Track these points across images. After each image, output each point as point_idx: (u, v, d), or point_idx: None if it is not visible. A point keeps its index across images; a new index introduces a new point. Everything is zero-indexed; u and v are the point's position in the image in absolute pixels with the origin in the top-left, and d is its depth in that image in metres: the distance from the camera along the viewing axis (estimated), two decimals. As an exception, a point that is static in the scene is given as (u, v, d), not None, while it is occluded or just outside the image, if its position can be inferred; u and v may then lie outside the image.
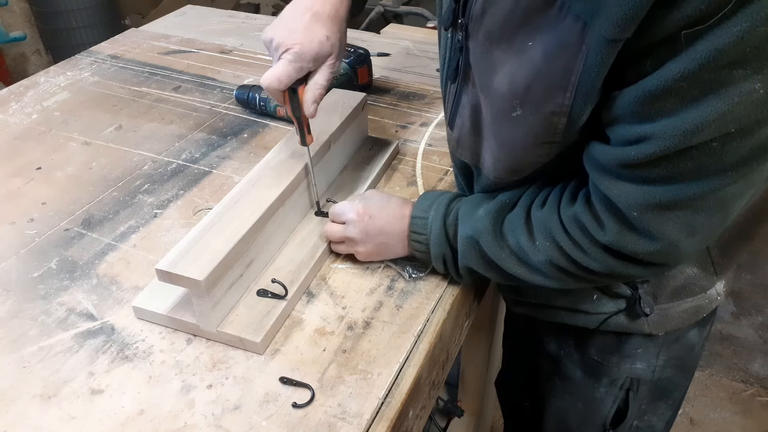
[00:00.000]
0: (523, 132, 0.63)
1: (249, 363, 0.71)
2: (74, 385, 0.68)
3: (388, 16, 3.19)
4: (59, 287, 0.81)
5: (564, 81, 0.56)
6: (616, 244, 0.61)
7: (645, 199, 0.57)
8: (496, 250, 0.70)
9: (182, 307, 0.74)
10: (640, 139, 0.54)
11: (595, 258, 0.64)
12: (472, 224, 0.72)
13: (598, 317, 0.80)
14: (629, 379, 0.88)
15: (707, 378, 1.99)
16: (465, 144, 0.75)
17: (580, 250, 0.65)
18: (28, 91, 1.26)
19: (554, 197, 0.69)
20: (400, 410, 0.66)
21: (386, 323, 0.75)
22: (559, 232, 0.66)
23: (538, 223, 0.68)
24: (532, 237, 0.68)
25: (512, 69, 0.60)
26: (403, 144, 1.08)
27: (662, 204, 0.57)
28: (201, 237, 0.73)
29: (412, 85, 1.28)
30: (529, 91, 0.59)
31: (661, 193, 0.56)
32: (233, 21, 1.62)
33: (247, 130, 1.13)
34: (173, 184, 0.99)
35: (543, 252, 0.67)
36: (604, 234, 0.62)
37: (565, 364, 0.92)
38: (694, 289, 0.79)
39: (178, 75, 1.33)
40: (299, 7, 0.79)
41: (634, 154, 0.55)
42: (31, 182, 1.00)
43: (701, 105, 0.49)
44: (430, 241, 0.76)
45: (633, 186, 0.57)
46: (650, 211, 0.58)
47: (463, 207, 0.75)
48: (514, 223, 0.70)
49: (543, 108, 0.59)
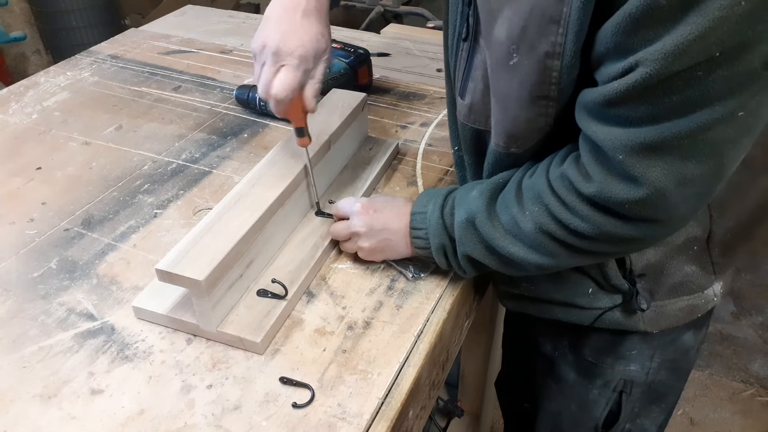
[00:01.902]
0: (519, 82, 0.62)
1: (249, 363, 0.71)
2: (74, 385, 0.68)
3: (388, 16, 3.19)
4: (59, 287, 0.81)
5: (556, 12, 0.56)
6: (601, 194, 0.60)
7: (630, 140, 0.55)
8: (490, 229, 0.70)
9: (182, 307, 0.74)
10: (623, 72, 0.53)
11: (581, 215, 0.62)
12: (466, 207, 0.72)
13: (593, 313, 0.80)
14: (622, 380, 0.88)
15: (707, 378, 1.99)
16: (478, 108, 0.73)
17: (567, 209, 0.63)
18: (28, 91, 1.26)
19: (544, 163, 0.68)
20: (400, 410, 0.66)
21: (386, 323, 0.75)
22: (547, 193, 0.65)
23: (528, 190, 0.67)
24: (522, 206, 0.67)
25: (509, 13, 0.60)
26: (403, 144, 1.08)
27: (648, 144, 0.55)
28: (201, 237, 0.73)
29: (412, 85, 1.28)
30: (525, 31, 0.59)
31: (645, 133, 0.54)
32: (233, 21, 1.62)
33: (247, 130, 1.13)
34: (173, 184, 0.99)
35: (532, 218, 0.66)
36: (589, 185, 0.60)
37: (559, 365, 0.92)
38: (692, 287, 0.78)
39: (178, 75, 1.33)
40: (286, 7, 0.77)
41: (617, 86, 0.53)
42: (31, 182, 1.00)
43: (682, 24, 0.48)
44: (430, 234, 0.76)
45: (619, 128, 0.56)
46: (636, 154, 0.56)
47: (459, 193, 0.75)
48: (507, 198, 0.69)
49: (537, 48, 0.59)
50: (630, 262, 0.74)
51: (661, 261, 0.75)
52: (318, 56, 0.78)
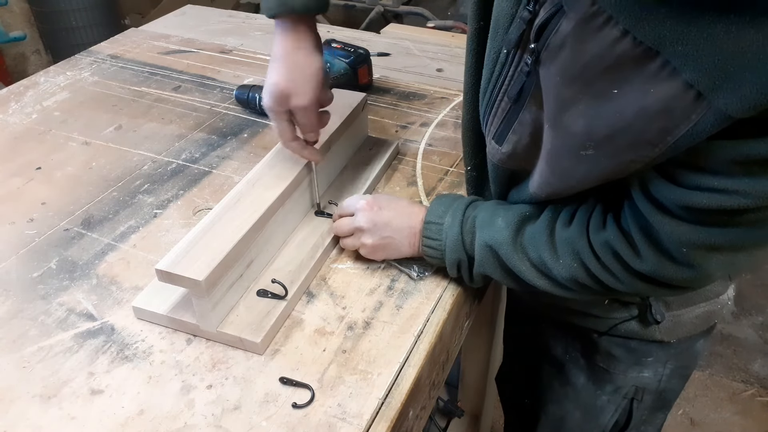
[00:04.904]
0: (587, 169, 0.58)
1: (249, 363, 0.71)
2: (74, 385, 0.68)
3: (388, 16, 3.20)
4: (59, 287, 0.81)
5: (657, 139, 0.50)
6: (653, 273, 0.61)
7: (700, 239, 0.56)
8: (516, 262, 0.70)
9: (182, 307, 0.74)
10: (715, 190, 0.51)
11: (624, 282, 0.64)
12: (491, 234, 0.71)
13: (609, 321, 0.80)
14: (634, 387, 0.87)
15: (707, 378, 1.99)
16: (519, 156, 0.68)
17: (611, 275, 0.64)
18: (27, 91, 1.26)
19: (581, 218, 0.67)
20: (400, 410, 0.66)
21: (386, 323, 0.75)
22: (589, 256, 0.65)
23: (564, 243, 0.67)
24: (556, 254, 0.67)
25: (590, 111, 0.53)
26: (404, 144, 1.08)
27: (715, 246, 0.56)
28: (201, 237, 0.73)
29: (412, 85, 1.28)
30: (611, 140, 0.53)
31: (717, 236, 0.55)
32: (233, 21, 1.62)
33: (247, 130, 1.13)
34: (173, 184, 0.99)
35: (567, 270, 0.66)
36: (641, 263, 0.61)
37: (569, 369, 0.91)
38: (708, 294, 0.78)
39: (178, 75, 1.33)
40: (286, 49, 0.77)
41: (705, 201, 0.52)
42: (31, 182, 1.00)
43: None
44: (446, 248, 0.75)
45: (690, 226, 0.55)
46: (700, 249, 0.57)
47: (481, 215, 0.74)
48: (537, 238, 0.68)
49: (622, 156, 0.54)
50: None
51: None
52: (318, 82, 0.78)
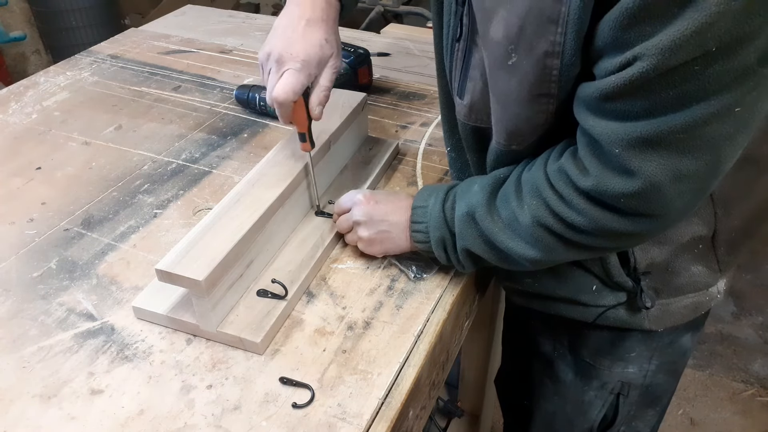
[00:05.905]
0: (518, 81, 0.62)
1: (249, 363, 0.71)
2: (74, 385, 0.68)
3: (388, 16, 3.19)
4: (59, 287, 0.81)
5: (554, 12, 0.56)
6: (597, 188, 0.60)
7: (627, 133, 0.56)
8: (489, 223, 0.70)
9: (182, 307, 0.74)
10: (621, 67, 0.53)
11: (578, 209, 0.63)
12: (467, 200, 0.72)
13: (597, 310, 0.80)
14: (620, 383, 0.87)
15: (707, 378, 1.99)
16: (478, 106, 0.73)
17: (564, 202, 0.64)
18: (27, 91, 1.26)
19: (542, 157, 0.68)
20: (400, 410, 0.66)
21: (386, 323, 0.75)
22: (545, 187, 0.65)
23: (526, 184, 0.68)
24: (521, 200, 0.68)
25: (505, 13, 0.59)
26: (404, 144, 1.08)
27: (644, 138, 0.55)
28: (201, 237, 0.73)
29: (412, 85, 1.28)
30: (523, 31, 0.59)
31: (642, 127, 0.55)
32: (233, 21, 1.62)
33: (247, 130, 1.13)
34: (173, 184, 0.99)
35: (529, 212, 0.67)
36: (586, 179, 0.61)
37: (558, 365, 0.92)
38: (698, 285, 0.78)
39: (178, 75, 1.33)
40: (291, 18, 0.79)
41: (614, 80, 0.54)
42: (31, 182, 1.00)
43: (679, 19, 0.48)
44: (430, 228, 0.76)
45: (615, 122, 0.56)
46: (632, 148, 0.56)
47: (461, 187, 0.75)
48: (506, 193, 0.70)
49: (536, 48, 0.58)
50: (634, 259, 0.74)
51: (666, 259, 0.75)
52: (322, 62, 0.78)
